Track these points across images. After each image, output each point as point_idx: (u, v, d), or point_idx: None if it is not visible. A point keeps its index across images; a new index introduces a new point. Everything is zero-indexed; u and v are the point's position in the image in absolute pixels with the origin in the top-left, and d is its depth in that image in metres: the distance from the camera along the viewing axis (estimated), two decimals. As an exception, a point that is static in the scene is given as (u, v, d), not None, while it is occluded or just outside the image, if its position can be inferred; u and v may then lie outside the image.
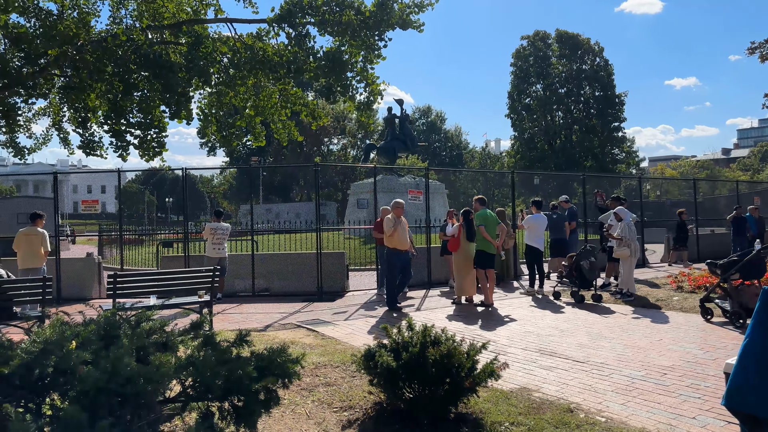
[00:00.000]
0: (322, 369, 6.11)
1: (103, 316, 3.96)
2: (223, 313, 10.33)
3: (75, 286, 12.70)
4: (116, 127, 8.42)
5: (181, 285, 8.58)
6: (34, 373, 2.96)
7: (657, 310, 9.63)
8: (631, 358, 6.60)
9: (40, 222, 10.64)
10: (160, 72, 6.19)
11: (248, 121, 7.71)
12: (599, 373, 6.01)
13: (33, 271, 10.24)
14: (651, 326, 8.37)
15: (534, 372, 6.16)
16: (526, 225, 12.02)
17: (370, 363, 4.78)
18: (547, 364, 6.49)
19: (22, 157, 10.43)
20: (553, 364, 6.49)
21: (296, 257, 13.17)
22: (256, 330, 8.55)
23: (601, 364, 6.33)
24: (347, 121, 58.46)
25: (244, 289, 12.59)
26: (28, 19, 7.25)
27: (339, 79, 6.95)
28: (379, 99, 7.54)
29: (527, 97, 59.75)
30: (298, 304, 11.11)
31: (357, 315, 9.80)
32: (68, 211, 73.97)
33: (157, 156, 8.32)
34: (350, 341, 7.63)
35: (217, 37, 7.21)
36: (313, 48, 7.00)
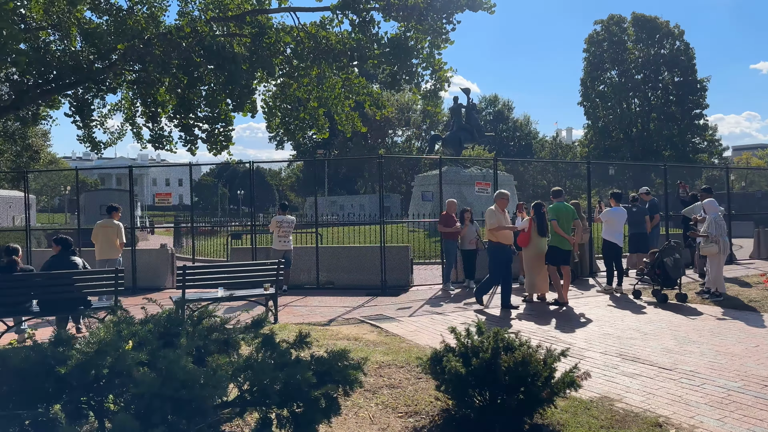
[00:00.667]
0: (386, 369, 5.87)
1: (165, 313, 3.87)
2: (288, 306, 10.33)
3: (149, 276, 13.13)
4: (185, 121, 8.50)
5: (247, 277, 8.61)
6: (89, 374, 2.88)
7: (751, 312, 8.79)
8: (725, 366, 5.97)
9: (116, 214, 11.00)
10: (223, 64, 6.13)
11: (312, 112, 7.56)
12: (690, 382, 5.45)
13: (109, 262, 10.59)
14: (745, 330, 7.61)
15: (616, 379, 5.68)
16: (604, 219, 11.31)
17: (437, 367, 4.49)
18: (629, 370, 5.98)
19: (98, 151, 10.78)
20: (636, 370, 5.97)
21: (360, 250, 13.04)
22: (320, 324, 8.45)
23: (691, 373, 5.75)
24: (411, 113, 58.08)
25: (308, 281, 12.59)
26: (100, 15, 7.38)
27: (404, 66, 6.66)
28: (447, 86, 7.17)
29: (601, 84, 57.24)
30: (361, 298, 10.96)
31: (422, 311, 9.52)
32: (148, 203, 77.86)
33: (224, 150, 8.34)
34: (415, 339, 7.36)
35: (280, 28, 7.08)
36: (377, 34, 6.74)
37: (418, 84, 6.95)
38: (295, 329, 7.88)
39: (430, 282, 12.94)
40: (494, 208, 9.59)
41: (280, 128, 7.64)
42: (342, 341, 7.05)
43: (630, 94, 56.21)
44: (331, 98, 7.59)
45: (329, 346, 6.79)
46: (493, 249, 9.56)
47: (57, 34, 8.16)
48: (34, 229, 17.37)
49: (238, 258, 13.33)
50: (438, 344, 6.44)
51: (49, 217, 55.48)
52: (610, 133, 56.37)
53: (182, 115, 8.53)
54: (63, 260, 7.71)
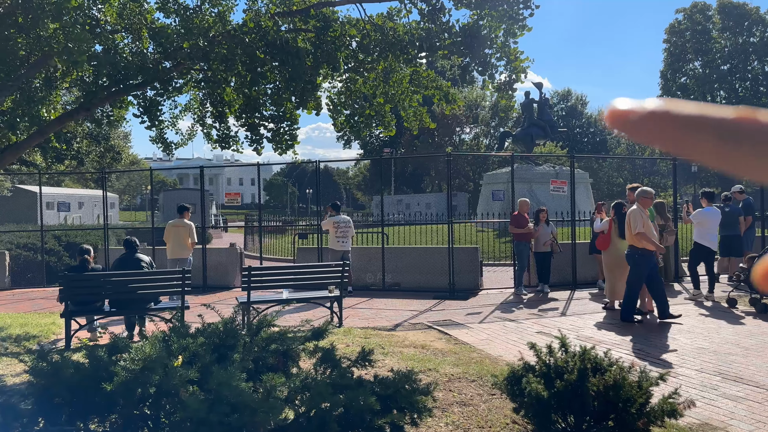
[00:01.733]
0: (456, 383, 5.45)
1: (220, 324, 3.64)
2: (353, 308, 10.08)
3: (219, 275, 13.29)
4: (250, 120, 8.40)
5: (311, 279, 8.42)
6: (135, 392, 2.66)
7: None
8: None
9: (187, 214, 11.16)
10: (286, 59, 5.92)
11: (378, 109, 7.24)
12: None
13: (180, 262, 10.73)
14: None
15: (717, 403, 5.02)
16: (695, 220, 10.34)
17: (515, 388, 4.04)
18: (732, 392, 5.28)
19: (169, 152, 10.92)
20: (740, 392, 5.27)
21: (427, 251, 12.64)
22: (385, 329, 8.12)
23: (809, 400, 4.99)
24: (480, 110, 56.93)
25: (374, 283, 12.31)
26: (168, 15, 7.36)
27: (476, 56, 6.20)
28: (523, 77, 6.65)
29: (683, 76, 53.90)
30: (428, 302, 10.56)
31: (493, 317, 9.00)
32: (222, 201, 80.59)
33: (289, 149, 8.17)
34: (486, 349, 6.89)
35: (346, 21, 6.81)
36: (447, 23, 6.32)
37: (492, 75, 6.47)
38: (360, 334, 7.58)
39: (501, 285, 12.35)
40: (637, 208, 8.22)
41: (345, 126, 7.38)
42: (408, 349, 6.69)
43: (715, 85, 52.60)
44: (398, 93, 7.24)
45: (395, 353, 6.44)
46: (637, 257, 8.15)
47: (129, 36, 8.25)
48: (112, 227, 18.09)
49: (304, 258, 13.26)
50: (512, 356, 5.96)
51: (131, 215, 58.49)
52: (694, 127, 52.95)
53: (248, 114, 8.42)
54: (129, 260, 7.79)
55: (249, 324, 3.98)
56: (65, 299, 7.22)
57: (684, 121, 0.29)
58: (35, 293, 13.15)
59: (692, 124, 0.29)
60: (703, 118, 0.29)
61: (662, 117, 0.29)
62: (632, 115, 0.30)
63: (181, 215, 11.09)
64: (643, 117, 0.29)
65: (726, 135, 0.29)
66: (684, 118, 0.29)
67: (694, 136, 0.29)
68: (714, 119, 0.29)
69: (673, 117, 0.29)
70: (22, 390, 3.25)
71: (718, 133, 0.29)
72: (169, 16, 7.51)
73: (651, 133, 0.30)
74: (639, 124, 0.29)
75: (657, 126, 0.29)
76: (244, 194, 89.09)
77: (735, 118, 0.29)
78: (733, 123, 0.29)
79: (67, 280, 7.22)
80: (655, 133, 0.30)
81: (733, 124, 0.29)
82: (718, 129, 0.29)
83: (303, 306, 9.65)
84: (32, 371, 3.14)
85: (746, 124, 0.29)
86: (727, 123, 0.29)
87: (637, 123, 0.29)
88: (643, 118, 0.29)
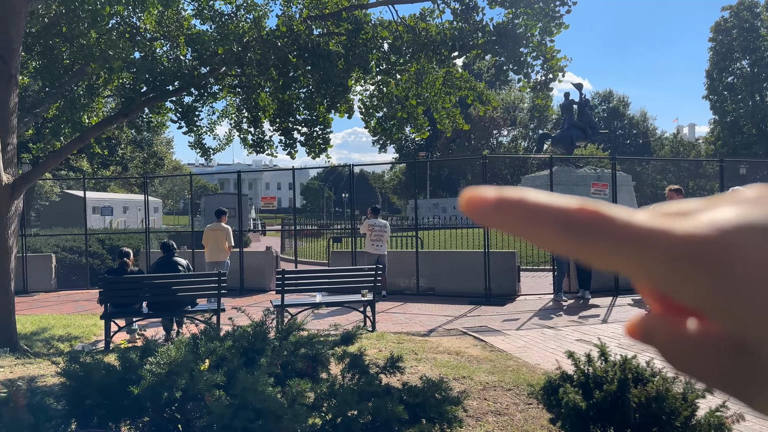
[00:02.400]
0: (491, 391, 5.31)
1: (248, 327, 3.62)
2: (386, 312, 10.01)
3: (256, 278, 13.43)
4: (284, 125, 8.45)
5: (344, 283, 8.39)
6: (162, 396, 2.65)
7: None
8: None
9: (224, 218, 11.31)
10: (317, 62, 5.90)
11: (410, 111, 7.16)
12: None
13: (218, 265, 10.88)
14: None
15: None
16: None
17: (551, 398, 3.88)
18: (786, 407, 4.96)
19: (207, 157, 11.10)
20: (795, 408, 4.94)
21: (462, 256, 12.46)
22: (419, 334, 8.02)
23: None
24: (518, 111, 56.19)
25: (408, 287, 12.22)
26: (204, 21, 7.47)
27: (512, 55, 6.05)
28: (561, 76, 6.46)
29: (730, 76, 51.97)
30: (464, 307, 10.39)
31: (530, 324, 8.78)
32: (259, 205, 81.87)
33: (322, 152, 8.18)
34: (523, 356, 6.71)
35: (378, 23, 6.77)
36: (481, 21, 6.19)
37: (528, 74, 6.30)
38: (393, 339, 7.50)
39: (540, 291, 12.07)
40: None
41: (378, 129, 7.32)
42: (442, 355, 6.57)
43: (764, 84, 50.52)
44: (431, 95, 7.15)
45: (428, 360, 6.33)
46: None
47: (168, 44, 8.42)
48: (154, 231, 18.52)
49: (338, 261, 13.28)
50: (550, 365, 5.77)
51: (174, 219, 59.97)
52: (741, 128, 50.99)
53: (282, 118, 8.48)
54: (167, 263, 7.91)
55: (278, 327, 3.95)
56: (105, 301, 7.38)
57: (529, 211, 0.28)
58: (79, 295, 13.54)
59: (536, 214, 0.28)
60: (546, 209, 0.28)
61: (508, 206, 0.29)
62: (482, 204, 0.30)
63: (218, 219, 11.25)
64: (492, 207, 0.29)
65: (569, 228, 0.28)
66: (529, 207, 0.28)
67: (539, 227, 0.28)
68: (556, 210, 0.28)
69: (518, 206, 0.29)
70: (55, 391, 3.29)
71: (561, 226, 0.28)
72: (205, 23, 7.63)
73: (501, 222, 0.29)
74: (489, 213, 0.29)
75: (505, 216, 0.29)
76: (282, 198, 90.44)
77: (576, 209, 0.28)
78: (574, 215, 0.28)
79: (107, 283, 7.38)
80: (505, 222, 0.29)
81: (574, 217, 0.28)
82: (561, 221, 0.28)
83: (337, 310, 9.63)
84: (65, 373, 3.18)
85: (586, 217, 0.27)
86: (569, 215, 0.28)
87: (487, 212, 0.29)
88: (492, 208, 0.29)
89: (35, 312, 11.00)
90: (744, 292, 0.24)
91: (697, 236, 0.26)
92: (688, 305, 0.28)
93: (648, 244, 0.26)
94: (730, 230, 0.26)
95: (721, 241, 0.25)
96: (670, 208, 0.29)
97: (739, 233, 0.25)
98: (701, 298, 0.25)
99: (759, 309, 0.24)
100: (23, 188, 6.81)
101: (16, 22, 6.28)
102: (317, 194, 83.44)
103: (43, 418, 2.93)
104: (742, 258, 0.25)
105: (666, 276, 0.26)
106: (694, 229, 0.26)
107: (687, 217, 0.28)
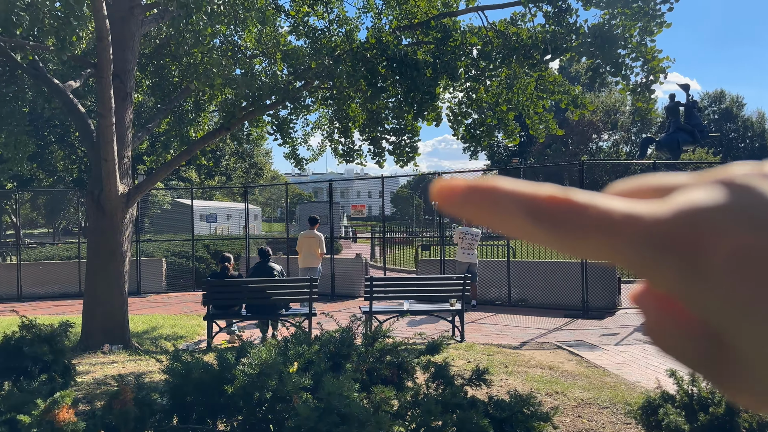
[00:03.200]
0: (586, 408, 5.06)
1: (335, 332, 3.70)
2: (476, 323, 9.84)
3: (346, 284, 13.72)
4: (373, 134, 8.59)
5: (432, 291, 8.36)
6: (254, 396, 2.76)
7: None
8: None
9: (317, 226, 11.66)
10: (405, 71, 5.95)
11: (500, 117, 7.03)
12: None
13: (311, 270, 11.21)
14: None
15: None
16: None
17: (651, 419, 3.64)
18: None
19: (301, 167, 11.51)
20: None
21: (557, 266, 11.99)
22: (510, 347, 7.81)
23: None
24: (619, 115, 53.46)
25: (499, 297, 11.94)
26: (299, 37, 7.78)
27: (608, 57, 5.76)
28: (663, 78, 6.07)
29: None
30: (558, 320, 10.00)
31: (631, 339, 8.28)
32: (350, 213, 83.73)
33: (410, 161, 8.23)
34: (622, 373, 6.34)
35: (467, 30, 6.72)
36: (575, 23, 5.96)
37: (626, 77, 5.97)
38: (483, 350, 7.36)
39: (641, 304, 11.36)
40: None
41: (466, 136, 7.25)
42: (534, 369, 6.36)
43: None
44: (522, 101, 6.97)
45: (519, 373, 6.15)
46: None
47: (266, 60, 8.85)
48: (253, 237, 19.45)
49: (426, 269, 13.25)
50: (651, 383, 5.41)
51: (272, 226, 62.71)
52: None
53: (371, 128, 8.63)
54: (263, 268, 8.27)
55: (365, 334, 4.00)
56: (207, 303, 7.83)
57: (498, 200, 0.28)
58: (186, 297, 14.48)
59: (505, 202, 0.27)
60: (516, 197, 0.27)
61: (478, 195, 0.28)
62: (452, 193, 0.29)
63: (311, 227, 11.61)
64: (462, 195, 0.29)
65: (538, 216, 0.27)
66: (499, 195, 0.28)
67: (509, 216, 0.27)
68: (526, 198, 0.27)
69: (488, 195, 0.28)
70: (160, 387, 3.52)
71: (530, 215, 0.27)
72: (300, 38, 7.94)
73: (471, 211, 0.29)
74: (459, 202, 0.29)
75: (475, 204, 0.28)
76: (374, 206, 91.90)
77: (545, 198, 0.27)
78: (543, 203, 0.27)
79: (209, 286, 7.83)
80: (475, 211, 0.28)
81: (544, 205, 0.27)
82: (530, 210, 0.27)
83: (426, 318, 9.61)
84: (167, 370, 3.39)
85: (556, 205, 0.26)
86: (538, 203, 0.27)
87: (457, 201, 0.29)
88: (462, 197, 0.29)
89: (146, 312, 11.90)
90: (712, 282, 0.23)
91: (666, 221, 0.25)
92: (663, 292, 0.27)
93: (617, 230, 0.25)
94: (699, 215, 0.24)
95: (688, 227, 0.24)
96: (654, 181, 0.28)
97: (708, 219, 0.24)
98: (671, 287, 0.24)
99: (727, 300, 0.23)
100: (137, 197, 7.41)
101: (130, 45, 6.89)
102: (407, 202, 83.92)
103: (148, 411, 3.14)
104: (709, 246, 0.23)
105: (637, 263, 0.25)
106: (664, 213, 0.25)
107: (665, 197, 0.26)
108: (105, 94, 6.01)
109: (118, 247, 7.25)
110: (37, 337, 3.93)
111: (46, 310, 12.03)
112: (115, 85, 6.70)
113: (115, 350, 7.30)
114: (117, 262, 7.28)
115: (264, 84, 7.36)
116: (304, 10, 7.65)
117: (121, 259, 7.33)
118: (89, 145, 7.34)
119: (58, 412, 2.50)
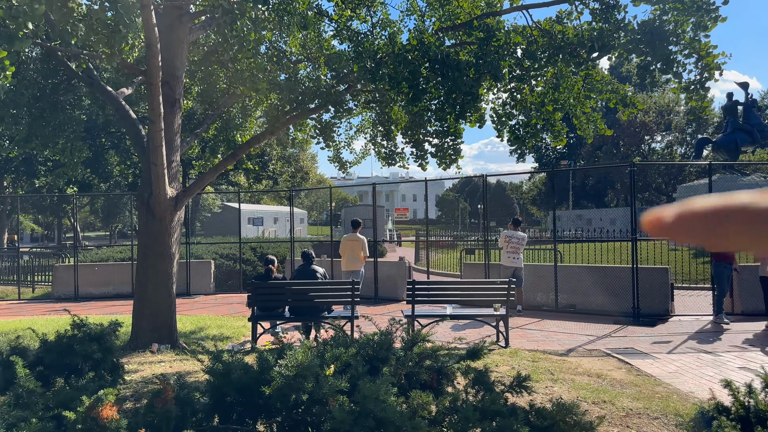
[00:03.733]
0: (635, 419, 4.85)
1: (373, 335, 3.67)
2: (522, 329, 9.64)
3: (389, 287, 13.70)
4: (416, 136, 8.54)
5: (475, 296, 8.22)
6: (290, 398, 2.77)
7: None
8: None
9: (360, 229, 11.70)
10: (446, 73, 5.88)
11: (546, 117, 6.85)
12: None
13: (353, 273, 11.26)
14: None
15: None
16: None
17: (704, 431, 3.45)
18: None
19: (344, 170, 11.58)
20: None
21: (606, 271, 11.63)
22: (556, 353, 7.60)
23: None
24: (673, 115, 51.55)
25: (546, 303, 11.67)
26: (342, 41, 7.82)
27: (659, 53, 5.52)
28: (718, 75, 5.78)
29: None
30: (607, 327, 9.68)
31: (684, 348, 7.93)
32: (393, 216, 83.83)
33: (453, 163, 8.13)
34: (674, 383, 6.07)
35: (511, 29, 6.59)
36: (623, 20, 5.75)
37: (678, 74, 5.71)
38: (528, 357, 7.19)
39: (697, 312, 10.90)
40: None
41: (511, 138, 7.11)
42: (581, 377, 6.16)
43: None
44: (569, 100, 6.78)
45: (565, 381, 5.97)
46: None
47: (310, 65, 8.95)
48: (299, 240, 19.69)
49: (470, 273, 13.08)
50: (705, 394, 5.15)
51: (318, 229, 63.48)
52: None
53: (413, 131, 8.59)
54: (306, 270, 8.34)
55: (404, 338, 3.96)
56: (252, 305, 7.95)
57: (710, 215, 0.30)
58: (234, 298, 14.78)
59: (717, 215, 0.30)
60: (726, 207, 0.30)
61: (689, 216, 0.31)
62: (663, 221, 0.31)
63: (354, 230, 11.65)
64: (674, 221, 0.31)
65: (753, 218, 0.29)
66: (709, 211, 0.30)
67: (722, 225, 0.30)
68: (736, 205, 0.30)
69: (698, 214, 0.30)
70: (201, 387, 3.58)
71: (745, 218, 0.29)
72: (343, 42, 7.98)
73: (685, 233, 0.31)
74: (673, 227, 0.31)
75: (688, 225, 0.31)
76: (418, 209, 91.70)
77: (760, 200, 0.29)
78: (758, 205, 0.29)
79: (254, 288, 7.95)
80: (689, 232, 0.31)
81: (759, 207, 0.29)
82: (743, 214, 0.29)
83: (470, 323, 9.48)
84: (209, 370, 3.44)
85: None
86: (752, 206, 0.30)
87: (671, 227, 0.31)
88: (674, 222, 0.31)
89: (195, 313, 12.20)
90: None
91: None
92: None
93: None
94: None
95: None
96: None
97: None
98: None
99: None
100: (185, 201, 7.60)
101: (179, 53, 7.08)
102: (452, 205, 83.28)
103: (189, 411, 3.19)
104: None
105: None
106: None
107: None
108: (154, 100, 6.20)
109: (167, 249, 7.44)
110: (87, 336, 4.06)
111: (100, 310, 12.51)
112: (164, 92, 6.90)
113: (163, 350, 7.49)
114: (165, 263, 7.47)
115: (307, 88, 7.43)
116: (347, 14, 7.69)
117: (170, 261, 7.53)
118: (140, 150, 7.59)
119: (101, 409, 2.57)
